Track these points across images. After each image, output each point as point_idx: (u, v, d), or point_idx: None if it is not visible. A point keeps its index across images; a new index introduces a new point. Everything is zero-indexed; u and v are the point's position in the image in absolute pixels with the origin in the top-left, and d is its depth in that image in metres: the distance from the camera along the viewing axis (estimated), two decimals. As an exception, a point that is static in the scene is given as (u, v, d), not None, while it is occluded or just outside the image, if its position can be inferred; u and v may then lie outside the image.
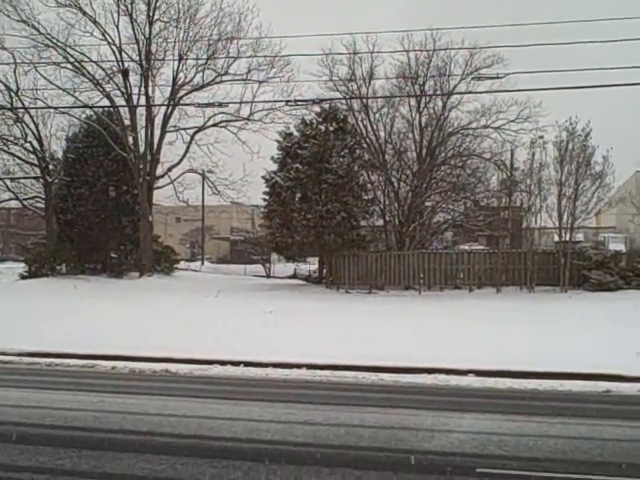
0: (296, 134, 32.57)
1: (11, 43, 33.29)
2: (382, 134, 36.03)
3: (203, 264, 55.03)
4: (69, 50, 33.54)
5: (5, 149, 38.75)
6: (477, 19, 58.03)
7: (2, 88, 35.98)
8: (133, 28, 34.18)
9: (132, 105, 35.26)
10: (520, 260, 30.20)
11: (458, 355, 13.36)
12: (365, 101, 35.42)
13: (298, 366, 13.02)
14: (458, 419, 9.05)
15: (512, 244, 35.71)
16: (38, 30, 33.23)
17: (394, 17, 61.22)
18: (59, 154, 39.22)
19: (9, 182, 40.54)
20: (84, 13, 33.56)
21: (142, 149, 35.59)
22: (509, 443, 7.82)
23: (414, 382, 11.85)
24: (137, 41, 34.33)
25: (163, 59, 35.09)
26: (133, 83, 35.02)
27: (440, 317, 20.53)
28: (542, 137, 30.37)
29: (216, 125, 36.18)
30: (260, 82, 34.85)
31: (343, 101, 35.04)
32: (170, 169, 36.97)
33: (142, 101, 35.49)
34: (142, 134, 35.88)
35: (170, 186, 37.82)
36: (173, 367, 13.31)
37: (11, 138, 38.45)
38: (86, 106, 34.73)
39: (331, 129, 31.92)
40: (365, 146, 35.35)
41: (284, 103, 31.90)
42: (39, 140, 38.41)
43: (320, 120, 32.52)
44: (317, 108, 32.67)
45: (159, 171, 36.85)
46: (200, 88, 35.61)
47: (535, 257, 29.77)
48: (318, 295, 29.34)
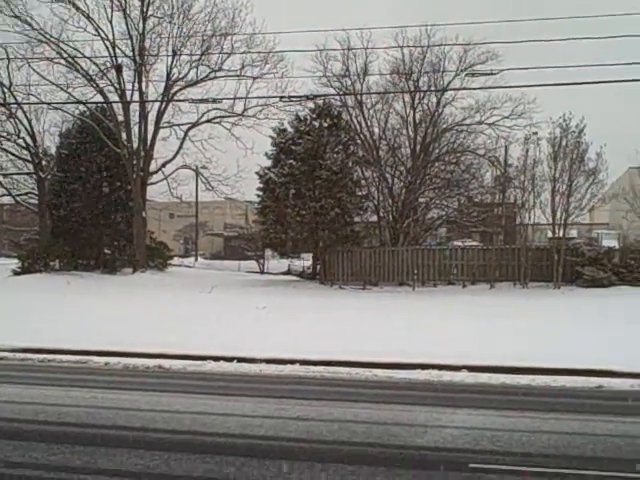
0: (290, 130, 32.56)
1: (4, 38, 33.13)
2: (376, 130, 36.14)
3: (197, 260, 54.99)
4: (62, 46, 33.39)
5: (-2, 145, 38.62)
6: (471, 17, 58.06)
7: (-5, 84, 35.84)
8: (127, 23, 34.05)
9: (126, 101, 35.10)
10: (514, 256, 30.26)
11: (451, 351, 13.37)
12: (359, 97, 35.45)
13: (291, 362, 13.00)
14: (451, 415, 9.06)
15: (506, 240, 35.76)
16: (31, 25, 33.07)
17: (384, 18, 61.13)
18: (52, 150, 39.18)
19: (2, 178, 40.44)
20: (77, 8, 33.41)
21: (136, 145, 35.47)
22: (502, 438, 7.84)
23: (407, 378, 11.85)
24: (131, 37, 34.19)
25: (157, 55, 35.01)
26: (127, 79, 34.91)
27: (434, 313, 20.57)
28: (536, 133, 30.50)
29: (210, 121, 36.10)
30: (254, 78, 34.84)
31: (337, 97, 35.07)
32: (164, 165, 36.89)
33: (136, 97, 35.31)
34: (136, 130, 35.79)
35: (164, 182, 37.74)
36: (166, 363, 13.29)
37: (4, 134, 38.34)
38: (79, 102, 34.58)
39: (325, 125, 31.92)
40: (359, 142, 35.37)
41: (278, 99, 31.89)
42: (32, 136, 38.28)
43: (314, 116, 32.50)
44: (311, 104, 32.64)
45: (153, 167, 36.73)
46: (194, 84, 35.53)
47: (529, 253, 29.82)
48: (312, 291, 29.36)
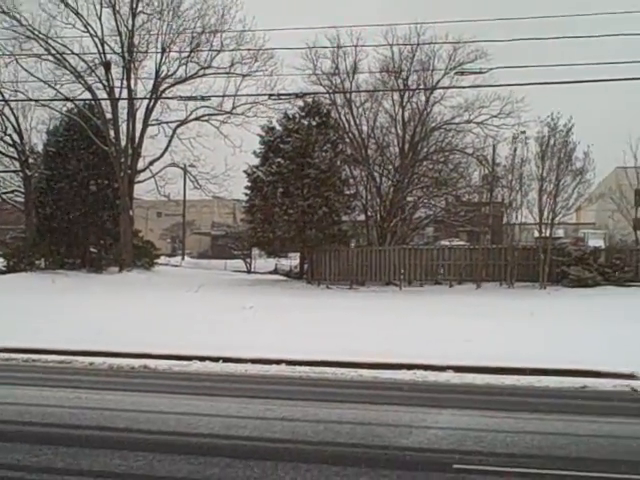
0: (279, 128, 32.52)
1: (-8, 35, 32.98)
2: (365, 129, 36.12)
3: (184, 259, 54.81)
4: (51, 42, 33.19)
5: (-16, 142, 38.30)
6: (461, 15, 58.20)
7: (-19, 80, 35.53)
8: (116, 20, 33.88)
9: (114, 98, 34.98)
10: (500, 256, 30.36)
11: (437, 351, 13.41)
12: (348, 95, 35.44)
13: (277, 362, 13.00)
14: (436, 415, 9.09)
15: (493, 240, 35.86)
16: (19, 22, 32.92)
17: (374, 16, 61.19)
18: (39, 147, 38.86)
19: (-12, 175, 40.10)
20: (66, 5, 33.27)
21: (123, 143, 35.35)
22: (486, 439, 7.86)
23: (393, 378, 11.87)
24: (120, 33, 34.02)
25: (146, 52, 34.84)
26: (115, 76, 34.76)
27: (420, 313, 20.61)
28: (524, 132, 30.66)
29: (198, 119, 35.99)
30: (243, 76, 34.73)
31: (326, 95, 35.01)
32: (151, 163, 36.75)
33: (124, 94, 35.19)
34: (124, 127, 35.69)
35: (151, 180, 37.59)
36: (152, 363, 13.26)
37: (-10, 131, 38.03)
38: (67, 99, 34.43)
39: (314, 123, 31.94)
40: (348, 141, 35.36)
41: (267, 97, 31.72)
42: (19, 133, 37.96)
43: (303, 114, 32.50)
44: (300, 102, 32.64)
45: (140, 165, 36.61)
46: (183, 81, 35.40)
47: (515, 253, 29.93)
48: (299, 291, 29.34)
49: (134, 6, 34.06)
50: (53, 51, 33.41)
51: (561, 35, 20.35)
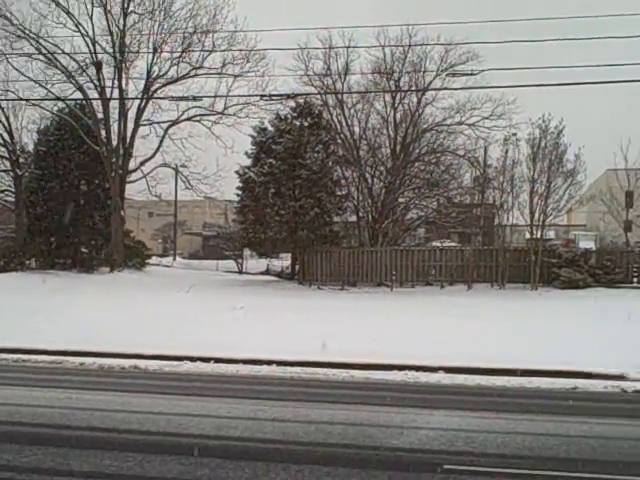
0: (270, 129, 32.51)
1: (-18, 34, 32.80)
2: (357, 130, 36.13)
3: (175, 259, 54.70)
4: (42, 41, 33.08)
5: (-26, 142, 38.11)
6: (453, 17, 58.32)
7: (-28, 80, 35.36)
8: (107, 20, 33.78)
9: (105, 98, 34.88)
10: (491, 257, 30.41)
11: (428, 352, 13.42)
12: (340, 96, 35.44)
13: (269, 362, 12.99)
14: (427, 416, 9.09)
15: (484, 241, 35.93)
16: (10, 21, 32.78)
17: (366, 17, 61.27)
18: (30, 147, 38.65)
19: (-22, 175, 39.89)
20: (57, 4, 33.16)
21: (115, 143, 35.24)
22: (477, 440, 7.87)
23: (384, 379, 11.88)
24: (111, 33, 33.91)
25: (137, 52, 34.74)
26: (106, 76, 34.64)
27: (411, 314, 20.62)
28: (515, 134, 30.72)
29: (190, 119, 35.93)
30: (235, 76, 34.67)
31: (318, 96, 35.00)
32: (143, 163, 36.64)
33: (115, 94, 35.09)
34: (115, 127, 35.57)
35: (143, 180, 37.46)
36: (142, 363, 13.22)
37: (-19, 131, 37.83)
38: (58, 98, 34.31)
39: (306, 124, 31.93)
40: (339, 142, 35.36)
41: (259, 98, 31.68)
42: (9, 132, 37.76)
43: (295, 115, 32.50)
44: (292, 103, 32.63)
45: (132, 165, 36.51)
46: (174, 81, 35.33)
47: (506, 254, 29.98)
48: (290, 291, 29.33)
49: (125, 6, 33.95)
50: (44, 50, 33.28)
51: (557, 37, 20.35)
